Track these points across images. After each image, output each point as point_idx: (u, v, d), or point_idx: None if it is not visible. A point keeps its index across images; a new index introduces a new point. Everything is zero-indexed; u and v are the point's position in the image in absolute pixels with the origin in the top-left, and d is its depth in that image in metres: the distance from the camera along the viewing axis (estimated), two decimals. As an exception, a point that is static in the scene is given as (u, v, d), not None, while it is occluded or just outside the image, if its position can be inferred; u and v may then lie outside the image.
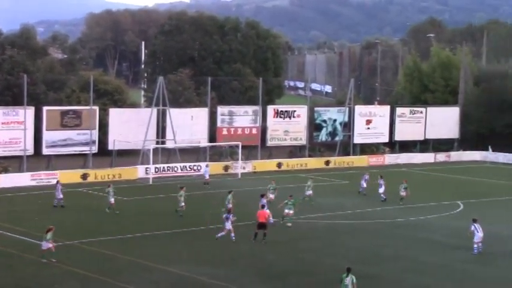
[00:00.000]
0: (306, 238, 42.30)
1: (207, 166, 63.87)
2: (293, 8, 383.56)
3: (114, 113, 67.24)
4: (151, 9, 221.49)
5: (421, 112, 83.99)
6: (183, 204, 47.44)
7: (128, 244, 39.89)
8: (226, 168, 68.42)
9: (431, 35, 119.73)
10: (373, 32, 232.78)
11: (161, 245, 39.98)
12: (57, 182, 51.98)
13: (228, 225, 40.48)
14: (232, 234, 40.42)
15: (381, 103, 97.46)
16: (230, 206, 45.98)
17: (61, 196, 50.32)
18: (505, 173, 73.88)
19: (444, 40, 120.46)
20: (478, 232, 38.92)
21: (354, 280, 28.27)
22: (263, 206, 42.12)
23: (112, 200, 48.71)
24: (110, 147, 65.71)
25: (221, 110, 72.18)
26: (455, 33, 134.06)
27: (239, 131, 72.14)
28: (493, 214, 49.80)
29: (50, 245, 35.70)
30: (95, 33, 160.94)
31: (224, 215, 41.34)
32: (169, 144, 68.55)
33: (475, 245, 38.86)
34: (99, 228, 43.64)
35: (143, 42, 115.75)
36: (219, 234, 40.56)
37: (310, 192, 53.19)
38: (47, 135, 62.60)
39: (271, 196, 50.07)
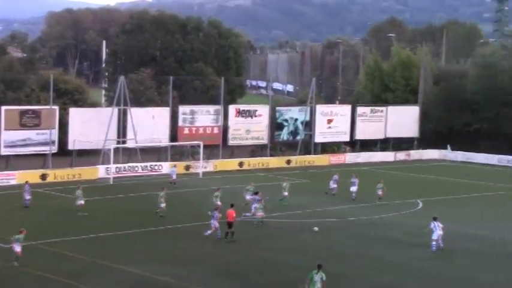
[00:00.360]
0: (269, 237, 42.38)
1: (174, 166, 63.57)
2: (255, 7, 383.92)
3: (74, 113, 66.72)
4: (113, 8, 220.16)
5: (382, 111, 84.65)
6: (163, 204, 46.90)
7: (89, 245, 39.64)
8: (187, 167, 68.30)
9: (392, 34, 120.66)
10: (334, 32, 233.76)
11: (123, 245, 39.79)
12: (26, 182, 51.37)
13: (215, 223, 40.72)
14: (219, 232, 40.57)
15: (342, 102, 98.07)
16: (219, 203, 45.91)
17: (28, 197, 49.69)
18: (464, 172, 74.84)
19: (404, 40, 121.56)
20: (436, 230, 39.42)
21: (324, 278, 28.27)
22: (232, 205, 42.17)
23: (82, 201, 48.02)
24: (70, 147, 65.22)
25: (183, 109, 72.04)
26: (415, 33, 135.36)
27: (201, 131, 72.08)
28: (452, 212, 50.40)
29: (19, 249, 35.09)
30: (55, 32, 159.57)
31: (209, 213, 41.61)
32: (130, 144, 68.23)
33: (433, 242, 39.37)
34: (60, 229, 43.27)
35: (104, 42, 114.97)
36: (207, 233, 40.70)
37: (286, 193, 52.80)
38: (6, 135, 61.95)
39: (248, 197, 49.23)
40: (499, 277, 35.18)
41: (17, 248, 35.00)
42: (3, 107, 62.80)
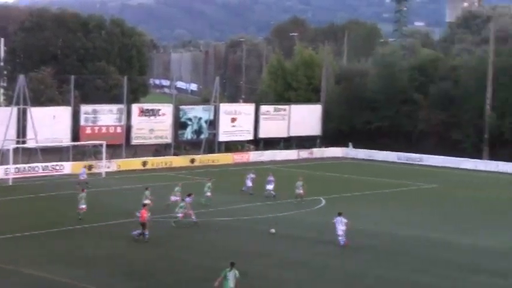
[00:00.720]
0: (173, 236, 42.18)
1: (84, 167, 62.35)
2: (158, 6, 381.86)
3: (-29, 112, 65.00)
4: (12, 5, 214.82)
5: (285, 110, 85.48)
6: (84, 206, 45.53)
7: (-14, 247, 38.66)
8: (90, 167, 67.32)
9: (295, 34, 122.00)
10: (237, 31, 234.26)
11: (20, 246, 38.89)
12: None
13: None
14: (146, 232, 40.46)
15: (245, 101, 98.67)
16: (147, 201, 45.36)
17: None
18: (365, 169, 76.32)
19: (307, 39, 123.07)
20: (339, 225, 40.16)
21: (237, 275, 28.25)
22: (144, 205, 41.73)
23: None
24: (-33, 147, 63.51)
25: (85, 108, 71.06)
26: (317, 32, 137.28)
27: (103, 130, 71.27)
28: (354, 209, 51.18)
29: None
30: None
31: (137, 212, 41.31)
32: (30, 144, 66.83)
33: (340, 237, 40.16)
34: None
35: (2, 39, 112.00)
36: (135, 232, 40.51)
37: (209, 193, 52.17)
38: None
39: (177, 198, 48.26)
40: (392, 273, 35.92)
41: None
42: None
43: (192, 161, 74.84)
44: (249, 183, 56.90)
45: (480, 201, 58.82)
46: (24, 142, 66.67)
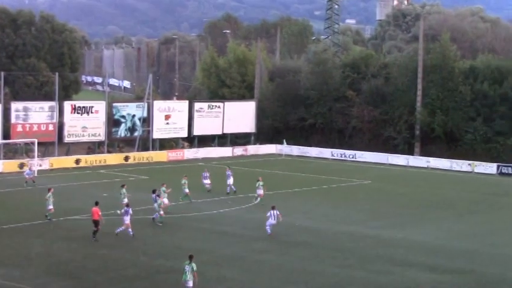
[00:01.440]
0: (107, 234, 41.75)
1: (29, 168, 61.06)
2: (89, 2, 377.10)
3: None
4: None
5: (219, 107, 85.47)
6: (51, 206, 44.39)
7: None
8: (21, 165, 66.22)
9: (228, 31, 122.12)
10: (170, 28, 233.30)
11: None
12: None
13: (127, 220, 40.28)
14: (130, 229, 40.12)
15: (179, 98, 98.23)
16: (126, 200, 44.81)
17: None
18: (300, 166, 76.83)
19: (240, 36, 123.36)
20: (271, 219, 41.09)
21: (194, 268, 29.28)
22: (97, 203, 41.08)
23: None
24: None
25: (15, 106, 69.87)
26: (250, 29, 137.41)
27: (35, 128, 70.19)
28: (289, 205, 51.55)
29: None
30: None
31: (123, 210, 41.05)
32: (-41, 142, 65.46)
33: (267, 227, 41.29)
34: None
35: None
36: (118, 230, 40.21)
37: (187, 190, 51.51)
38: None
39: (166, 201, 47.39)
40: (328, 269, 36.29)
41: None
42: None
43: (126, 158, 74.28)
44: (205, 180, 56.74)
45: (412, 196, 59.80)
46: (-48, 140, 65.28)
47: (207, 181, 56.63)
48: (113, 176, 65.48)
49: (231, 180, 56.38)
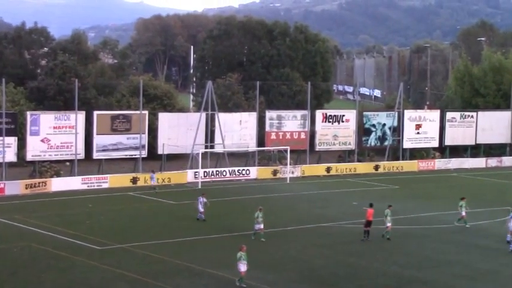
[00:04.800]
0: (354, 242, 41.78)
1: (153, 172, 61.12)
2: (342, 12, 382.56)
3: (163, 118, 67.55)
4: (200, 14, 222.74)
5: (472, 116, 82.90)
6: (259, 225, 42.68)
7: (177, 248, 39.97)
8: (275, 172, 68.35)
9: (482, 38, 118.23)
10: (422, 36, 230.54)
11: (210, 249, 39.90)
12: (202, 194, 48.35)
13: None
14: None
15: (430, 107, 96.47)
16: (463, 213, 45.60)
17: (202, 210, 47.08)
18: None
19: (496, 44, 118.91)
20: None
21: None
22: (371, 205, 42.74)
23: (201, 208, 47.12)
24: (159, 151, 66.06)
25: (270, 114, 72.11)
26: (507, 36, 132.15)
27: (287, 136, 72.02)
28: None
29: (243, 269, 32.88)
30: (144, 38, 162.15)
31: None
32: (218, 149, 68.69)
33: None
34: (149, 232, 43.84)
35: (192, 47, 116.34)
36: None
37: (463, 213, 47.11)
38: (98, 140, 63.22)
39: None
40: None
41: (242, 268, 32.73)
42: (96, 112, 64.12)
43: (376, 167, 74.19)
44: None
45: None
46: (212, 147, 68.60)
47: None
48: (362, 184, 65.72)
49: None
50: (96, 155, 63.54)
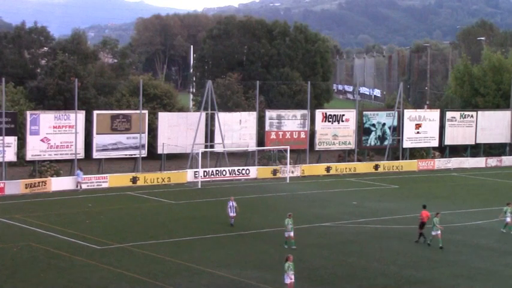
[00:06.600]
0: (353, 242, 41.84)
1: (80, 169, 60.41)
2: (341, 11, 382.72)
3: (163, 117, 67.57)
4: (200, 13, 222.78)
5: (472, 116, 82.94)
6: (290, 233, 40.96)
7: (177, 247, 39.97)
8: (274, 172, 68.39)
9: (482, 38, 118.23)
10: (422, 36, 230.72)
11: (210, 249, 39.90)
12: (231, 199, 46.13)
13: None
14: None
15: (430, 107, 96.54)
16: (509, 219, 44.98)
17: (232, 214, 45.45)
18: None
19: (495, 43, 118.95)
20: None
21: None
22: (424, 206, 43.06)
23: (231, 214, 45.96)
24: (159, 151, 66.09)
25: (269, 114, 72.14)
26: (506, 36, 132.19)
27: (287, 135, 72.06)
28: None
29: (289, 281, 31.19)
30: (144, 38, 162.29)
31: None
32: (217, 148, 68.72)
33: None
34: (149, 232, 43.86)
35: (192, 47, 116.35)
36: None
37: (509, 219, 45.54)
38: (98, 139, 63.23)
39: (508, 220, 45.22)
40: None
41: (287, 280, 31.16)
42: (95, 112, 64.14)
43: (376, 167, 74.23)
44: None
45: None
46: (212, 146, 68.62)
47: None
48: (362, 184, 65.78)
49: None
50: (95, 155, 63.55)
